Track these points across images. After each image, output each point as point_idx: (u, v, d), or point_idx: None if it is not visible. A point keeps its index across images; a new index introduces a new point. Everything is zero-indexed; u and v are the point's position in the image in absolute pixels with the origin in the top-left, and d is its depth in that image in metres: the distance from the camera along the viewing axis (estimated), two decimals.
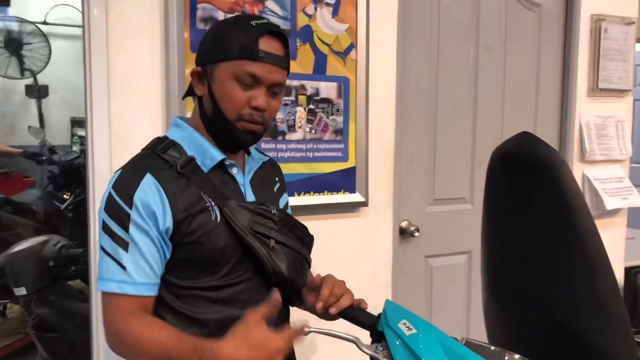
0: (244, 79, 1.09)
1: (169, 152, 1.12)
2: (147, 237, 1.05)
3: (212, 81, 1.12)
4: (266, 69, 1.10)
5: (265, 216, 1.15)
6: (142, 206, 1.05)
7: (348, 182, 2.01)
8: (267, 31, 1.11)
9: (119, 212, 1.05)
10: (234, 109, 1.10)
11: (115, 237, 1.05)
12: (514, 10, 2.41)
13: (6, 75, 4.90)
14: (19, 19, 4.91)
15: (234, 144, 1.17)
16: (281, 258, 1.14)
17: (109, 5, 1.64)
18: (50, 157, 4.26)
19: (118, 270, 1.04)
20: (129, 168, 1.11)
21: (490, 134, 2.40)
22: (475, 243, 2.35)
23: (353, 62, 1.98)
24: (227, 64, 1.09)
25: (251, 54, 1.08)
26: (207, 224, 1.08)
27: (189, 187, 1.09)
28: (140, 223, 1.04)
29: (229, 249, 1.11)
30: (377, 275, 2.13)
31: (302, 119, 1.92)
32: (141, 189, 1.05)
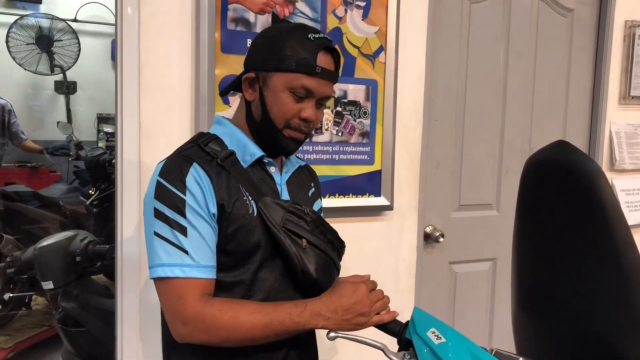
0: (298, 91, 1.12)
1: (211, 145, 1.14)
2: (204, 221, 1.06)
3: (264, 88, 1.14)
4: (320, 83, 1.13)
5: (298, 215, 1.15)
6: (195, 191, 1.06)
7: (373, 186, 2.00)
8: (324, 47, 1.13)
9: (172, 198, 1.05)
10: (284, 118, 1.13)
11: (171, 223, 1.05)
12: (545, 15, 2.38)
13: (37, 72, 4.99)
14: (50, 16, 5.00)
15: (278, 150, 1.19)
16: (310, 259, 1.14)
17: (141, 3, 1.66)
18: (77, 153, 4.33)
19: (180, 255, 1.04)
20: (175, 157, 1.12)
21: (518, 141, 2.37)
22: (500, 250, 2.36)
23: (382, 65, 1.97)
24: (283, 75, 1.11)
25: (309, 69, 1.10)
26: (245, 217, 1.10)
27: (229, 180, 1.11)
28: (195, 207, 1.05)
29: (262, 243, 1.11)
30: (400, 280, 2.11)
31: (330, 122, 1.91)
32: (191, 175, 1.07)
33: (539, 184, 1.06)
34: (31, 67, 4.94)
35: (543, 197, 1.05)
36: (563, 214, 0.98)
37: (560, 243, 1.00)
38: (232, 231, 1.09)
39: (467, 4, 2.20)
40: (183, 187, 1.06)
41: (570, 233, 0.97)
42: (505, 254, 2.38)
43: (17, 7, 5.16)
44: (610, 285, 0.92)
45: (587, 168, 0.94)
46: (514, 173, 2.36)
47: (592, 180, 0.93)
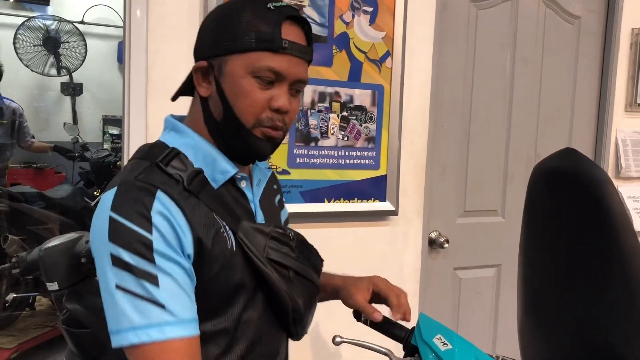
0: (264, 74, 0.89)
1: (173, 164, 0.90)
2: (177, 265, 0.83)
3: (221, 78, 0.91)
4: (291, 62, 0.90)
5: (282, 241, 0.96)
6: (164, 229, 0.83)
7: (378, 190, 2.00)
8: (289, 16, 0.91)
9: (134, 239, 0.81)
10: (252, 112, 0.91)
11: (137, 272, 0.80)
12: (552, 22, 2.38)
13: (43, 73, 5.02)
14: (58, 18, 5.03)
15: (250, 155, 0.97)
16: (298, 292, 0.97)
17: (149, 6, 1.66)
18: (82, 154, 4.34)
19: (154, 311, 0.80)
20: (130, 185, 0.86)
21: (524, 147, 2.37)
22: (505, 257, 2.35)
23: (388, 70, 1.97)
24: (241, 57, 0.89)
25: (273, 44, 0.88)
26: (224, 254, 0.89)
27: (200, 208, 0.88)
28: (165, 250, 0.82)
29: (245, 282, 0.92)
30: (404, 285, 2.08)
31: (335, 126, 1.92)
32: (157, 209, 0.83)
33: (546, 192, 1.06)
34: (38, 69, 4.98)
35: (550, 205, 1.05)
36: (570, 221, 0.98)
37: (567, 250, 1.00)
38: (213, 274, 0.88)
39: (474, 10, 2.21)
40: (148, 224, 0.82)
41: (577, 240, 0.97)
42: (510, 261, 2.38)
43: (25, 8, 5.20)
44: (617, 293, 0.92)
45: (595, 176, 0.94)
46: (520, 179, 2.36)
47: (600, 188, 0.93)
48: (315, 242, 1.92)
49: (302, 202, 1.88)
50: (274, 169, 1.80)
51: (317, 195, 1.90)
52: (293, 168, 1.86)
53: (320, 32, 1.85)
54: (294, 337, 1.04)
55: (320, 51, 1.85)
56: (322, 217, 1.91)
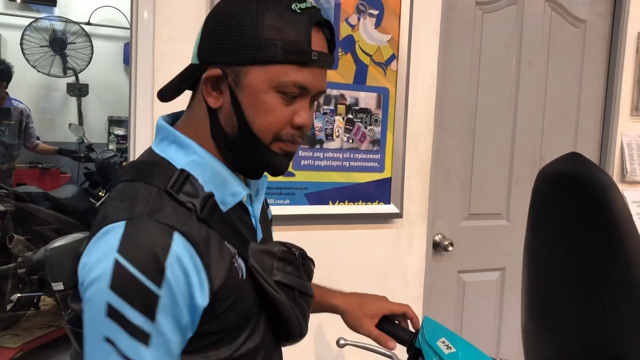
0: (290, 90, 0.79)
1: (185, 190, 0.79)
2: (178, 327, 0.74)
3: (238, 90, 0.80)
4: (316, 74, 0.81)
5: (288, 261, 0.89)
6: (177, 282, 0.72)
7: (383, 193, 2.00)
8: (317, 22, 0.80)
9: (141, 293, 0.71)
10: (273, 130, 0.81)
11: (131, 329, 0.71)
12: (558, 25, 2.38)
13: (50, 74, 5.05)
14: (64, 19, 5.05)
15: (268, 170, 0.86)
16: (302, 312, 0.90)
17: (156, 9, 1.67)
18: (87, 155, 4.36)
19: None
20: (143, 223, 0.74)
21: (529, 150, 2.37)
22: (510, 260, 2.35)
23: (394, 73, 1.98)
24: (264, 69, 0.78)
25: (303, 57, 0.78)
26: (236, 287, 0.80)
27: (212, 239, 0.79)
28: (170, 306, 0.72)
29: (252, 309, 0.84)
30: (408, 288, 2.11)
31: (340, 128, 1.92)
32: (173, 257, 0.72)
33: (550, 196, 1.06)
34: (44, 69, 5.00)
35: (555, 209, 1.05)
36: (575, 226, 0.98)
37: (572, 254, 1.00)
38: (225, 308, 0.80)
39: (479, 13, 2.21)
40: (159, 277, 0.71)
41: (582, 244, 0.97)
42: (515, 264, 2.37)
43: (32, 9, 5.23)
44: (621, 296, 0.92)
45: (600, 180, 0.94)
46: (524, 183, 2.35)
47: (605, 193, 0.93)
48: (320, 244, 1.93)
49: (307, 204, 1.88)
50: None
51: (321, 198, 1.90)
52: (298, 170, 1.86)
53: None
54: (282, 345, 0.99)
55: None
56: (326, 220, 1.92)
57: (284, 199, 1.85)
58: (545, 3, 2.34)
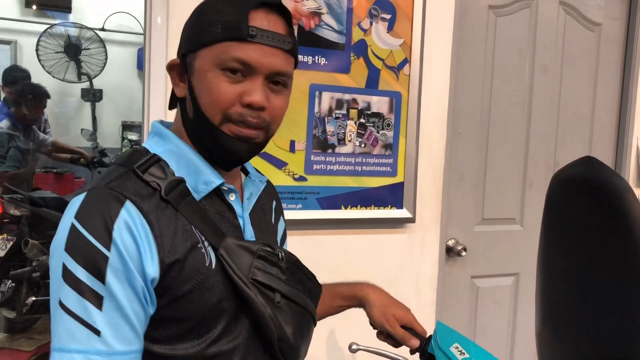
0: (230, 66, 0.81)
1: (151, 171, 0.82)
2: (131, 289, 0.76)
3: (192, 76, 0.85)
4: (262, 51, 0.82)
5: (271, 261, 0.87)
6: (125, 245, 0.75)
7: (395, 198, 1.99)
8: (260, 3, 0.83)
9: (90, 254, 0.74)
10: (218, 107, 0.82)
11: (83, 290, 0.73)
12: (572, 29, 2.36)
13: (64, 79, 5.09)
14: (79, 25, 5.10)
15: (224, 156, 0.87)
16: (287, 318, 0.87)
17: (169, 14, 1.68)
18: (100, 160, 4.40)
19: (87, 336, 0.73)
20: (100, 191, 0.79)
21: (543, 155, 2.35)
22: (524, 265, 2.33)
23: (406, 77, 1.97)
24: (208, 50, 0.82)
25: (238, 32, 0.80)
26: (200, 272, 0.81)
27: (177, 220, 0.81)
28: (121, 269, 0.75)
29: (224, 304, 0.83)
30: (421, 293, 2.09)
31: (353, 133, 1.92)
32: (122, 221, 0.76)
33: (565, 201, 1.05)
34: (59, 75, 5.05)
35: (570, 214, 1.04)
36: (590, 231, 0.97)
37: (586, 260, 0.99)
38: (184, 292, 0.79)
39: (492, 17, 2.20)
40: (107, 239, 0.74)
41: (598, 250, 0.96)
42: (529, 269, 2.35)
43: (47, 16, 5.29)
44: (637, 303, 0.91)
45: (615, 185, 0.93)
46: (539, 187, 2.33)
47: (621, 197, 0.91)
48: (332, 249, 1.93)
49: (319, 208, 1.88)
50: (290, 175, 1.81)
51: (334, 202, 1.90)
52: (310, 174, 1.86)
53: (338, 40, 1.86)
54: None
55: (337, 58, 1.86)
56: (338, 224, 1.91)
57: (296, 203, 1.85)
58: (559, 6, 2.32)
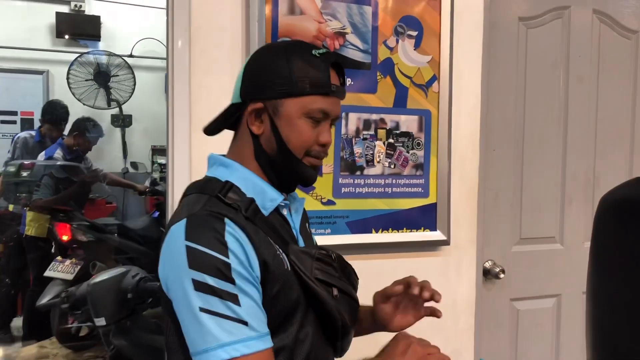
0: (315, 115, 1.02)
1: (230, 195, 1.00)
2: (252, 285, 0.93)
3: (276, 118, 1.02)
4: (335, 103, 1.05)
5: (326, 262, 1.06)
6: (238, 252, 0.92)
7: (428, 219, 1.92)
8: (333, 63, 1.05)
9: (214, 264, 0.90)
10: (304, 147, 1.03)
11: (220, 293, 0.89)
12: (607, 37, 2.27)
13: (94, 106, 5.18)
14: (108, 52, 5.19)
15: (298, 181, 1.09)
16: (344, 308, 1.06)
17: (192, 40, 1.66)
18: (154, 189, 4.51)
19: (239, 328, 0.89)
20: (200, 216, 0.95)
21: (581, 170, 2.26)
22: (565, 286, 2.23)
23: (435, 94, 1.91)
24: (296, 100, 1.01)
25: (325, 89, 1.02)
26: (284, 274, 0.98)
27: (258, 233, 0.98)
28: (241, 271, 0.91)
29: (300, 299, 1.00)
30: (458, 318, 2.01)
31: (381, 154, 1.86)
32: (229, 234, 0.92)
33: (615, 225, 0.98)
34: (89, 102, 5.13)
35: (621, 238, 0.97)
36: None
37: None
38: (275, 292, 0.96)
39: (523, 29, 2.13)
40: (224, 249, 0.91)
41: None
42: (571, 290, 2.25)
43: (78, 44, 5.40)
44: None
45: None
46: (578, 204, 2.24)
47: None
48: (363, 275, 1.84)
49: (349, 233, 1.82)
50: (318, 200, 1.77)
51: (364, 226, 1.84)
52: (339, 198, 1.81)
53: (364, 59, 1.81)
54: (338, 352, 1.11)
55: (364, 78, 1.81)
56: (369, 249, 1.85)
57: (325, 228, 1.79)
58: (592, 15, 2.24)
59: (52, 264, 3.58)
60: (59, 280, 3.47)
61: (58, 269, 3.52)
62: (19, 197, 4.21)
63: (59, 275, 3.47)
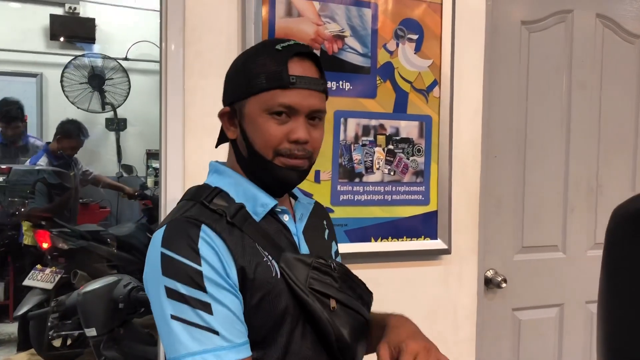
0: (277, 110, 0.96)
1: (216, 201, 0.97)
2: (228, 292, 0.89)
3: (242, 120, 1.00)
4: (301, 95, 0.96)
5: (324, 271, 1.00)
6: (211, 259, 0.89)
7: (429, 228, 1.87)
8: (295, 53, 0.97)
9: (185, 271, 0.88)
10: (270, 145, 0.97)
11: (190, 301, 0.87)
12: (610, 42, 2.23)
13: (89, 110, 5.12)
14: (103, 55, 5.14)
15: (278, 184, 1.03)
16: (343, 321, 0.99)
17: (186, 42, 1.61)
18: (142, 193, 4.43)
19: (210, 337, 0.86)
20: (177, 222, 0.94)
21: (584, 177, 2.21)
22: (568, 295, 2.19)
23: (436, 99, 1.86)
24: (256, 98, 0.97)
25: (281, 81, 0.95)
26: (269, 282, 0.94)
27: (243, 240, 0.94)
28: (215, 278, 0.89)
29: (290, 310, 0.95)
30: (459, 328, 1.96)
31: (381, 160, 1.81)
32: (203, 240, 0.90)
33: (628, 238, 0.93)
34: (83, 105, 5.08)
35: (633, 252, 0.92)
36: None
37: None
38: (257, 301, 0.92)
39: (525, 33, 2.09)
40: (196, 256, 0.89)
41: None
42: (574, 299, 2.21)
43: (72, 47, 5.34)
44: None
45: None
46: (581, 211, 2.19)
47: None
48: None
49: (347, 241, 1.77)
50: None
51: (363, 234, 1.79)
52: (337, 206, 1.75)
53: (363, 63, 1.76)
54: None
55: (363, 82, 1.76)
56: (368, 258, 1.80)
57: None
58: (596, 19, 2.20)
59: (31, 273, 3.46)
60: (38, 290, 3.35)
61: (37, 277, 3.39)
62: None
63: (38, 285, 3.34)
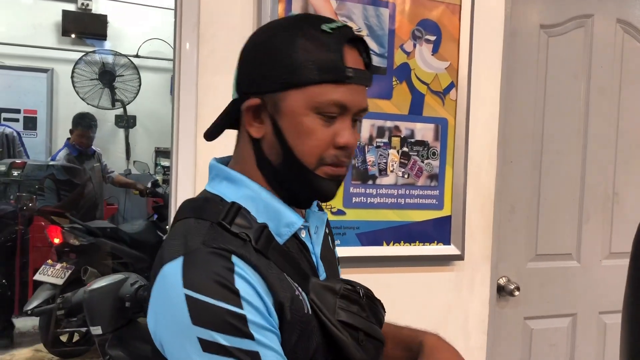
0: (328, 110, 0.78)
1: (237, 222, 0.78)
2: (273, 333, 0.73)
3: (278, 117, 0.79)
4: (354, 92, 0.80)
5: (352, 299, 0.85)
6: (252, 298, 0.72)
7: (442, 233, 1.84)
8: (349, 39, 0.79)
9: (226, 318, 0.69)
10: (316, 152, 0.80)
11: (235, 352, 0.69)
12: (630, 47, 2.19)
13: (99, 106, 5.12)
14: (114, 52, 5.14)
15: (315, 197, 0.86)
16: (370, 355, 0.85)
17: (200, 40, 1.59)
18: (154, 190, 4.42)
19: None
20: (199, 254, 0.74)
21: (601, 185, 2.18)
22: (581, 305, 2.15)
23: (452, 102, 1.83)
24: (301, 92, 0.78)
25: (337, 74, 0.77)
26: (302, 321, 0.78)
27: (271, 269, 0.77)
28: (260, 321, 0.72)
29: (320, 348, 0.80)
30: (470, 336, 1.93)
31: (395, 163, 1.78)
32: (238, 277, 0.72)
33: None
34: (93, 102, 5.08)
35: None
36: None
37: None
38: (294, 342, 0.77)
39: (544, 37, 2.05)
40: (235, 297, 0.70)
41: None
42: (587, 309, 2.17)
43: (84, 43, 5.35)
44: None
45: None
46: (596, 220, 2.15)
47: None
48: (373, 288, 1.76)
49: (359, 244, 1.74)
50: (328, 209, 1.68)
51: (375, 238, 1.76)
52: (349, 208, 1.72)
53: (380, 63, 1.73)
54: None
55: (379, 83, 1.73)
56: (380, 262, 1.77)
57: (335, 239, 1.71)
58: (616, 24, 2.16)
59: (42, 268, 3.47)
60: (48, 285, 3.37)
61: (48, 272, 3.39)
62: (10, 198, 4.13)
63: (49, 280, 3.36)
